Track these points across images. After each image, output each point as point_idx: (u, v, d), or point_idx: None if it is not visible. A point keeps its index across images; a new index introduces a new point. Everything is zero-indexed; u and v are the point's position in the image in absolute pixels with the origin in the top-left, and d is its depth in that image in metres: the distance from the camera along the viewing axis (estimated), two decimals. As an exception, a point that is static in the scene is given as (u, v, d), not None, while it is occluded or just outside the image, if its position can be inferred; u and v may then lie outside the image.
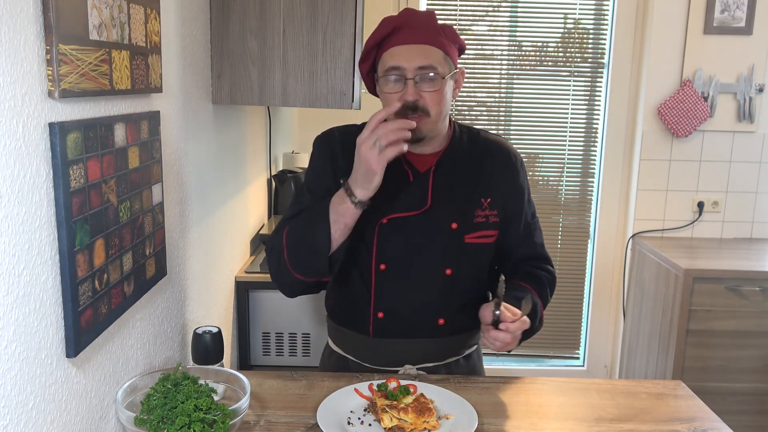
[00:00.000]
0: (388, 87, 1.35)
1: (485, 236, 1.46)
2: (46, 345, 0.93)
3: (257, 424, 1.22)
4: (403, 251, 1.43)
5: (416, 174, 1.43)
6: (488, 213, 1.45)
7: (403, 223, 1.41)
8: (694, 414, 1.31)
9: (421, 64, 1.32)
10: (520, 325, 1.31)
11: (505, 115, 3.27)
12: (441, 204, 1.41)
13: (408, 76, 1.32)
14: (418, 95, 1.33)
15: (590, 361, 3.46)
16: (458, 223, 1.42)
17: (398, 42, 1.34)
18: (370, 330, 1.47)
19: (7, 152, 0.83)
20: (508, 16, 3.18)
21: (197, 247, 1.69)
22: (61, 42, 0.91)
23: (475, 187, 1.44)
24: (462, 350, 1.53)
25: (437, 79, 1.34)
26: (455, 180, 1.44)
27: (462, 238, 1.43)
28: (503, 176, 1.47)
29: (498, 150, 1.49)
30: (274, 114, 2.68)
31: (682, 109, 3.00)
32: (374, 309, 1.45)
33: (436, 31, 1.35)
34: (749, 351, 2.67)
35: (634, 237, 3.19)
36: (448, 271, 1.44)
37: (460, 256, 1.44)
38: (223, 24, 1.75)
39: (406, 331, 1.46)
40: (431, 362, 1.49)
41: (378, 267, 1.43)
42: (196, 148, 1.66)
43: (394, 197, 1.40)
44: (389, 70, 1.34)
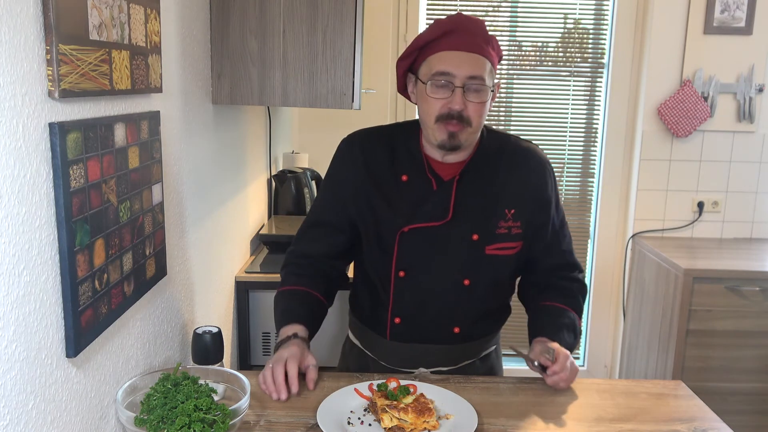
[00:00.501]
0: (435, 92, 1.33)
1: (507, 248, 1.44)
2: (46, 345, 0.93)
3: (257, 424, 1.22)
4: (422, 260, 1.42)
5: (440, 183, 1.41)
6: (511, 224, 1.43)
7: (423, 233, 1.40)
8: (694, 414, 1.31)
9: (471, 73, 1.30)
10: (564, 361, 1.34)
11: (505, 115, 3.27)
12: (462, 215, 1.40)
13: (457, 84, 1.30)
14: (464, 104, 1.31)
15: (590, 361, 3.46)
16: (479, 234, 1.41)
17: (449, 47, 1.31)
18: (387, 333, 1.49)
19: (7, 152, 0.83)
20: (508, 16, 3.18)
21: (197, 247, 1.69)
22: (61, 42, 0.91)
23: (500, 198, 1.42)
24: (478, 353, 1.53)
25: (485, 91, 1.32)
26: (479, 190, 1.42)
27: (482, 250, 1.42)
28: (530, 186, 1.44)
29: (526, 159, 1.46)
30: (274, 114, 2.68)
31: (682, 109, 3.00)
32: (392, 314, 1.47)
33: (485, 41, 1.33)
34: (749, 351, 2.67)
35: (634, 237, 3.20)
36: (467, 282, 1.43)
37: (480, 267, 1.43)
38: (223, 24, 1.75)
39: (422, 337, 1.47)
40: (445, 366, 1.50)
41: (397, 274, 1.43)
42: (196, 148, 1.66)
43: (416, 206, 1.40)
44: (438, 74, 1.31)
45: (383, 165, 1.43)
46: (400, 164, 1.43)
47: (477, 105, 1.32)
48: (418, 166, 1.42)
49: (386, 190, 1.42)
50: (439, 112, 1.32)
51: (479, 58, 1.31)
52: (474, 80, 1.30)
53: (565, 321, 1.45)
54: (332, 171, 1.50)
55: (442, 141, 1.35)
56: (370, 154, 1.44)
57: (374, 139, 1.46)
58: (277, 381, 1.28)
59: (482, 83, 1.31)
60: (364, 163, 1.43)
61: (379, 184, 1.42)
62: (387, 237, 1.42)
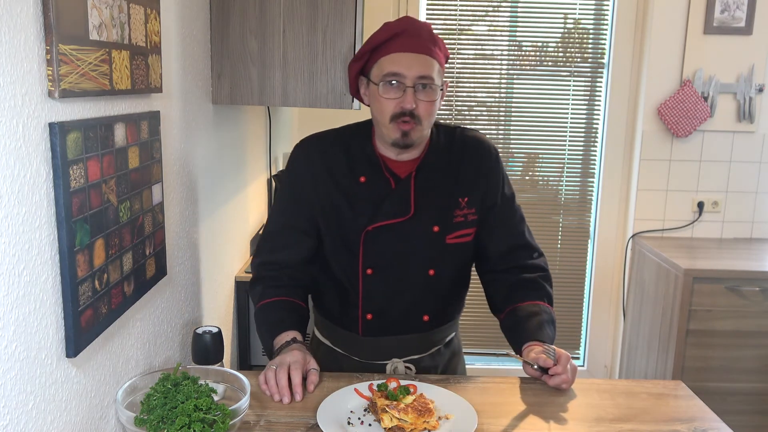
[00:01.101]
0: (387, 92, 1.37)
1: (465, 235, 1.50)
2: (46, 345, 0.93)
3: (257, 424, 1.22)
4: (388, 256, 1.47)
5: (398, 181, 1.46)
6: (466, 212, 1.49)
7: (387, 230, 1.45)
8: (694, 414, 1.31)
9: (421, 73, 1.35)
10: (566, 362, 1.37)
11: (505, 115, 3.27)
12: (423, 209, 1.45)
13: (408, 84, 1.35)
14: (415, 103, 1.36)
15: (590, 361, 3.46)
16: (439, 225, 1.47)
17: (399, 49, 1.36)
18: (359, 330, 1.52)
19: (7, 152, 0.83)
20: (508, 16, 3.18)
21: (197, 247, 1.69)
22: (61, 42, 0.91)
23: (453, 189, 1.48)
24: (444, 339, 1.59)
25: (434, 90, 1.38)
26: (435, 184, 1.47)
27: (443, 240, 1.47)
28: (479, 173, 1.50)
29: (473, 147, 1.51)
30: (274, 114, 2.68)
31: (682, 109, 3.00)
32: (362, 311, 1.50)
33: (433, 43, 1.39)
34: (749, 351, 2.67)
35: (634, 237, 3.19)
36: (431, 272, 1.48)
37: (442, 256, 1.49)
38: (223, 24, 1.75)
39: (394, 329, 1.51)
40: (417, 354, 1.54)
41: (365, 272, 1.47)
42: (196, 148, 1.66)
43: (377, 205, 1.45)
44: (389, 75, 1.36)
45: (340, 168, 1.47)
46: (356, 166, 1.47)
47: (427, 103, 1.37)
48: (374, 167, 1.47)
49: (346, 192, 1.46)
50: (392, 112, 1.37)
51: (428, 59, 1.36)
52: (423, 80, 1.36)
53: (544, 318, 1.48)
54: (291, 177, 1.52)
55: (396, 139, 1.40)
56: (327, 157, 1.48)
57: (329, 143, 1.50)
58: (281, 384, 1.29)
59: (431, 82, 1.37)
60: (324, 166, 1.47)
61: (339, 186, 1.46)
62: (352, 237, 1.46)
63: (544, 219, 3.33)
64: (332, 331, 1.58)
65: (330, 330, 1.59)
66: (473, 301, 1.83)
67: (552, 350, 1.38)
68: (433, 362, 1.56)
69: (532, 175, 3.32)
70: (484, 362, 3.44)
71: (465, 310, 1.67)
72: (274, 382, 1.30)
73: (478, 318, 3.32)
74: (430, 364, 1.55)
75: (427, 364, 1.55)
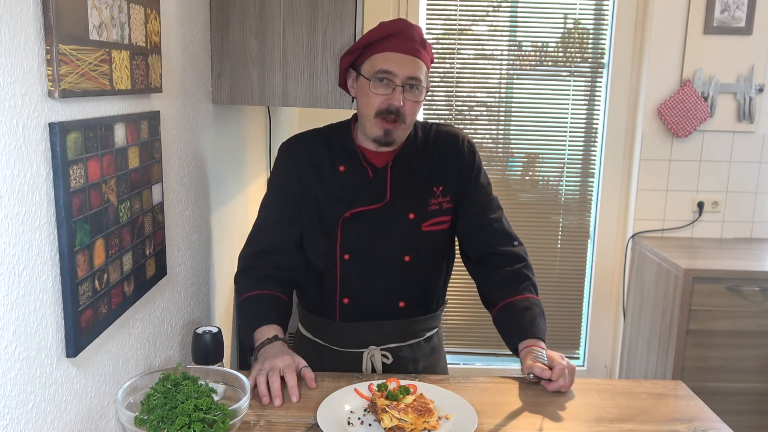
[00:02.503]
0: (377, 88, 1.44)
1: (440, 222, 1.56)
2: (45, 345, 0.93)
3: (257, 424, 1.22)
4: (365, 242, 1.53)
5: (375, 170, 1.53)
6: (441, 200, 1.55)
7: (364, 216, 1.51)
8: (694, 414, 1.31)
9: (410, 74, 1.43)
10: (561, 369, 1.38)
11: (505, 115, 3.27)
12: (399, 196, 1.52)
13: (397, 83, 1.43)
14: (402, 101, 1.43)
15: (590, 361, 3.46)
16: (415, 213, 1.53)
17: (393, 48, 1.43)
18: (337, 315, 1.58)
19: (7, 152, 0.83)
20: (508, 16, 3.18)
21: (197, 247, 1.69)
22: (61, 42, 0.91)
23: (429, 178, 1.55)
24: (423, 333, 1.62)
25: (421, 91, 1.46)
26: (410, 173, 1.54)
27: (419, 227, 1.53)
28: (452, 162, 1.56)
29: (447, 139, 1.58)
30: (274, 114, 2.68)
31: (682, 109, 3.00)
32: (340, 296, 1.56)
33: (423, 47, 1.46)
34: (749, 351, 2.67)
35: (634, 237, 3.20)
36: (407, 258, 1.54)
37: (418, 243, 1.54)
38: (223, 24, 1.75)
39: (370, 314, 1.56)
40: (394, 343, 1.57)
41: (342, 257, 1.53)
42: (196, 148, 1.66)
43: (355, 193, 1.51)
44: (381, 72, 1.43)
45: (322, 159, 1.55)
46: (336, 157, 1.55)
47: (413, 103, 1.45)
48: (353, 157, 1.54)
49: (327, 181, 1.54)
50: (379, 107, 1.44)
51: (417, 61, 1.44)
52: (412, 80, 1.43)
53: (535, 311, 1.51)
54: (277, 173, 1.60)
55: (378, 136, 1.47)
56: (310, 151, 1.57)
57: (312, 138, 1.60)
58: (273, 387, 1.32)
59: (419, 83, 1.44)
60: (307, 160, 1.56)
61: (321, 176, 1.54)
62: (330, 224, 1.52)
63: (544, 219, 3.33)
64: (312, 320, 1.64)
65: (310, 320, 1.64)
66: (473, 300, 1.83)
67: (542, 354, 1.41)
68: (412, 354, 1.59)
69: (532, 175, 3.32)
70: (484, 362, 3.44)
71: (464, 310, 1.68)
72: (265, 387, 1.32)
73: (479, 318, 3.32)
74: (408, 356, 1.58)
75: (405, 354, 1.58)
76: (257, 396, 1.31)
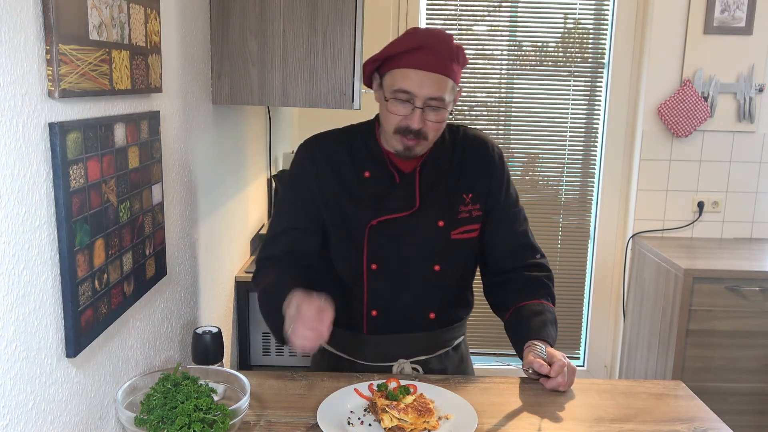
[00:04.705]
0: (395, 108, 1.35)
1: (469, 231, 1.49)
2: (45, 345, 0.93)
3: (257, 424, 1.22)
4: (393, 251, 1.45)
5: (402, 175, 1.45)
6: (471, 208, 1.48)
7: (392, 224, 1.44)
8: (694, 414, 1.31)
9: (432, 95, 1.33)
10: (559, 366, 1.36)
11: (505, 115, 3.27)
12: (428, 203, 1.45)
13: (417, 105, 1.33)
14: (422, 123, 1.34)
15: (590, 361, 3.46)
16: (444, 220, 1.46)
17: (415, 65, 1.32)
18: (364, 327, 1.50)
19: (7, 152, 0.83)
20: (508, 16, 3.18)
21: (197, 247, 1.69)
22: (61, 42, 0.91)
23: (458, 184, 1.48)
24: (451, 341, 1.57)
25: (444, 111, 1.36)
26: (439, 179, 1.47)
27: (448, 235, 1.47)
28: (483, 170, 1.50)
29: (477, 145, 1.51)
30: (274, 114, 2.68)
31: (682, 109, 3.00)
32: (367, 308, 1.48)
33: (451, 60, 1.34)
34: (749, 351, 2.67)
35: (634, 237, 3.19)
36: (437, 267, 1.47)
37: (447, 251, 1.48)
38: (223, 24, 1.75)
39: (399, 326, 1.49)
40: (424, 355, 1.52)
41: (369, 267, 1.46)
42: (196, 148, 1.66)
43: (382, 200, 1.44)
44: (399, 91, 1.33)
45: (344, 164, 1.46)
46: (360, 161, 1.46)
47: (434, 124, 1.36)
48: (378, 162, 1.46)
49: (350, 188, 1.45)
50: (397, 125, 1.36)
51: (441, 79, 1.33)
52: (434, 101, 1.33)
53: (547, 317, 1.47)
54: (295, 175, 1.50)
55: (398, 150, 1.40)
56: (330, 154, 1.47)
57: (332, 140, 1.50)
58: (311, 328, 1.22)
59: (441, 103, 1.34)
60: (326, 164, 1.46)
61: (343, 182, 1.45)
62: (356, 233, 1.44)
63: (544, 219, 3.33)
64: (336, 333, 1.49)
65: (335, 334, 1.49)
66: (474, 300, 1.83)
67: (541, 348, 1.38)
68: (441, 365, 1.54)
69: (532, 175, 3.32)
70: (484, 362, 3.44)
71: (465, 310, 1.66)
72: (305, 338, 1.22)
73: (479, 318, 3.32)
74: (437, 367, 1.53)
75: (434, 366, 1.52)
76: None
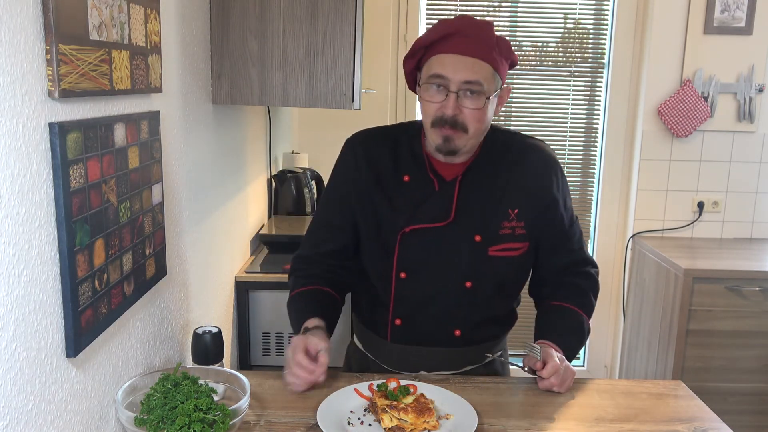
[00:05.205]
0: (429, 94, 1.30)
1: (511, 249, 1.41)
2: (46, 345, 0.93)
3: (257, 424, 1.22)
4: (423, 261, 1.40)
5: (442, 183, 1.39)
6: (515, 225, 1.39)
7: (425, 234, 1.38)
8: (694, 414, 1.31)
9: (467, 78, 1.26)
10: (552, 367, 1.34)
11: (505, 115, 3.27)
12: (465, 216, 1.38)
13: (451, 89, 1.27)
14: (458, 110, 1.28)
15: (590, 361, 3.46)
16: (482, 235, 1.38)
17: (449, 50, 1.27)
18: (388, 335, 1.47)
19: (7, 152, 0.83)
20: (508, 16, 3.18)
21: (197, 247, 1.69)
22: (61, 42, 0.91)
23: (503, 198, 1.39)
24: (482, 359, 1.50)
25: (481, 97, 1.28)
26: (482, 190, 1.39)
27: (485, 251, 1.39)
28: (534, 185, 1.41)
29: (531, 157, 1.42)
30: (274, 114, 2.68)
31: (682, 109, 3.00)
32: (392, 316, 1.45)
33: (490, 46, 1.28)
34: (749, 351, 2.67)
35: (634, 237, 3.19)
36: (468, 284, 1.40)
37: (482, 268, 1.40)
38: (223, 24, 1.75)
39: (422, 339, 1.45)
40: (447, 370, 1.48)
41: (398, 275, 1.41)
42: (196, 148, 1.66)
43: (417, 206, 1.38)
44: (433, 77, 1.29)
45: (386, 165, 1.41)
46: (402, 164, 1.41)
47: (473, 111, 1.28)
48: (420, 166, 1.40)
49: (388, 190, 1.41)
50: (434, 116, 1.30)
51: (478, 63, 1.27)
52: (470, 85, 1.27)
53: (572, 324, 1.44)
54: (336, 172, 1.49)
55: (438, 145, 1.33)
56: (372, 154, 1.43)
57: (377, 139, 1.46)
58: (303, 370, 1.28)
59: (479, 88, 1.27)
60: (367, 163, 1.42)
61: (382, 183, 1.41)
62: (388, 237, 1.40)
63: (544, 219, 3.33)
64: (365, 334, 1.55)
65: (363, 334, 1.56)
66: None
67: (537, 349, 1.37)
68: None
69: (532, 175, 3.31)
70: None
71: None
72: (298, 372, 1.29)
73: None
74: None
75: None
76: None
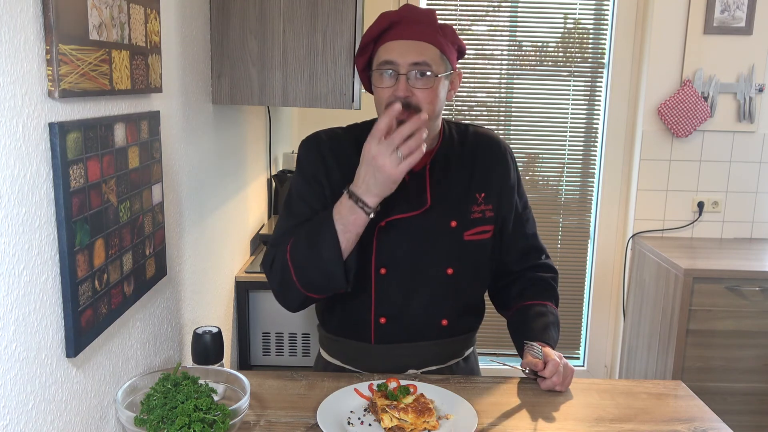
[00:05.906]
0: (381, 81, 1.32)
1: (483, 232, 1.44)
2: (46, 345, 0.93)
3: (257, 424, 1.22)
4: (403, 253, 1.40)
5: (411, 173, 1.39)
6: (484, 208, 1.43)
7: (402, 225, 1.38)
8: (694, 414, 1.31)
9: (415, 60, 1.29)
10: (554, 366, 1.35)
11: (505, 115, 3.27)
12: (439, 203, 1.39)
13: (401, 72, 1.29)
14: (410, 92, 1.29)
15: (590, 361, 3.46)
16: (457, 220, 1.41)
17: (395, 37, 1.31)
18: (372, 337, 1.44)
19: (7, 152, 0.83)
20: (508, 16, 3.18)
21: (197, 247, 1.69)
22: (61, 42, 0.91)
23: (470, 183, 1.43)
24: (462, 351, 1.53)
25: (431, 77, 1.30)
26: (450, 177, 1.42)
27: (461, 236, 1.41)
28: (496, 170, 1.46)
29: (488, 143, 1.47)
30: (274, 114, 2.68)
31: (682, 109, 3.00)
32: (375, 315, 1.42)
33: (434, 30, 1.32)
34: (749, 351, 2.67)
35: (634, 237, 3.19)
36: (450, 271, 1.42)
37: (461, 254, 1.43)
38: (223, 24, 1.75)
39: (410, 335, 1.44)
40: (434, 365, 1.48)
41: (378, 271, 1.40)
42: (196, 148, 1.66)
43: (390, 199, 1.34)
44: (383, 63, 1.31)
45: (351, 162, 1.34)
46: None
47: (425, 92, 1.30)
48: None
49: None
50: (387, 101, 1.29)
51: (425, 45, 1.30)
52: (418, 66, 1.29)
53: (550, 319, 1.46)
54: (303, 172, 1.42)
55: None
56: (337, 150, 1.41)
57: (338, 136, 1.43)
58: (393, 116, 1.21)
59: (427, 68, 1.29)
60: (334, 160, 1.40)
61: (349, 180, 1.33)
62: (364, 234, 1.32)
63: (544, 219, 3.33)
64: (340, 345, 1.49)
65: (337, 345, 1.50)
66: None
67: (538, 349, 1.38)
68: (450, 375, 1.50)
69: (532, 175, 3.32)
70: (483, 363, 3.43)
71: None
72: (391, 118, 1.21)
73: (478, 318, 3.32)
74: None
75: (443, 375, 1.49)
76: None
